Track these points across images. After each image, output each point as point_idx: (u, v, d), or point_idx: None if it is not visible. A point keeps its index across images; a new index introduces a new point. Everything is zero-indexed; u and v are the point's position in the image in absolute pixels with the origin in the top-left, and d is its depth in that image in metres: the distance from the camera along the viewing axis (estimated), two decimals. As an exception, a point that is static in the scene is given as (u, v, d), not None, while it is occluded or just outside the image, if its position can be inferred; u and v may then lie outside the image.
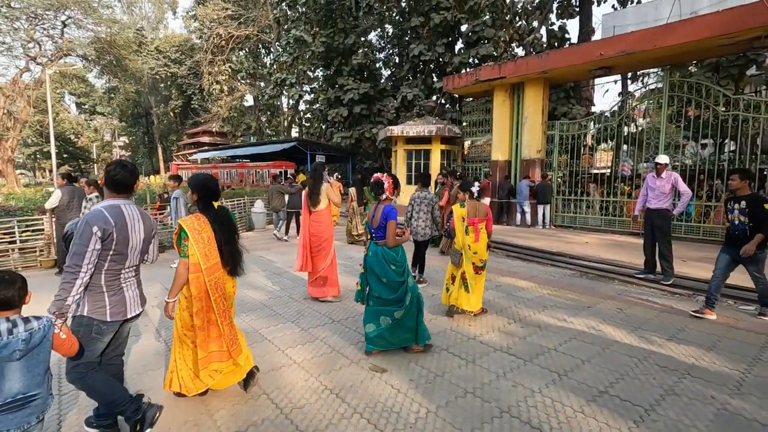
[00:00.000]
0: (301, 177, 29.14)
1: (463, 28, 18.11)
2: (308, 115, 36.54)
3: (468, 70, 15.94)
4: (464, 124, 15.82)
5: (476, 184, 4.70)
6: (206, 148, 36.77)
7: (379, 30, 25.70)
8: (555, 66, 11.35)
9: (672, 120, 11.39)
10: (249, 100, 37.92)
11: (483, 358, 3.55)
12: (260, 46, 36.28)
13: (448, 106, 19.56)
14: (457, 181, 8.07)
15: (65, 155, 40.90)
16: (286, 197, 10.19)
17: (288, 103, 37.06)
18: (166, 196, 12.01)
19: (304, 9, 21.22)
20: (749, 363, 3.48)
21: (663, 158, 6.00)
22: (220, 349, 2.78)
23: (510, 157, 13.07)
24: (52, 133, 18.98)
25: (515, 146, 12.93)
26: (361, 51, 21.73)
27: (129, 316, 2.44)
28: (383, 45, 26.19)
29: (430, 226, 5.93)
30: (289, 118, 37.61)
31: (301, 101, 33.38)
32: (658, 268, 5.93)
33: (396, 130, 15.20)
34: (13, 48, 26.54)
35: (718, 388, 3.07)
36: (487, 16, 16.99)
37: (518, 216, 12.45)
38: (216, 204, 2.82)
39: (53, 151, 19.30)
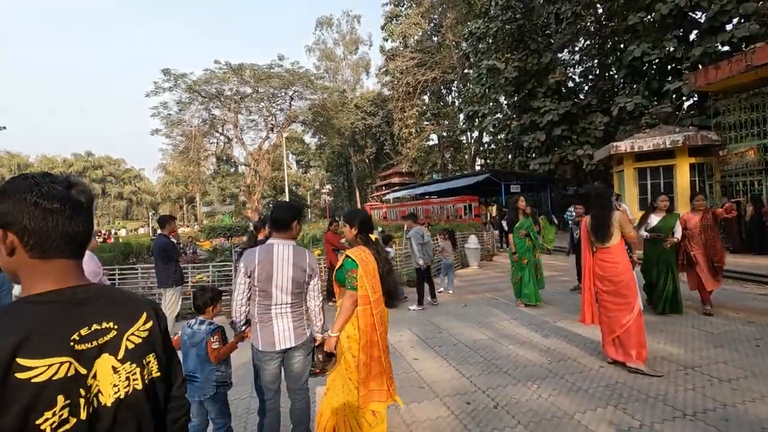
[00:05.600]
0: (491, 209, 28.08)
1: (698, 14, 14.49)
2: (492, 146, 35.75)
3: (718, 61, 12.38)
4: (713, 129, 12.17)
5: None
6: (397, 187, 39.47)
7: (570, 45, 23.38)
8: None
9: None
10: (433, 139, 39.45)
11: None
12: (442, 87, 37.73)
13: (682, 111, 15.73)
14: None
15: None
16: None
17: (470, 138, 37.07)
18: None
19: (494, 38, 20.74)
20: None
21: None
22: (380, 388, 2.69)
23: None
24: (287, 186, 22.83)
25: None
26: (558, 69, 19.84)
27: (278, 348, 2.50)
28: (580, 58, 23.64)
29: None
30: (473, 152, 37.44)
31: (484, 134, 32.89)
32: None
33: (623, 146, 12.70)
34: (258, 123, 34.16)
35: None
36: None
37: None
38: (372, 236, 2.86)
39: (287, 199, 23.10)
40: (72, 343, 0.88)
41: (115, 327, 0.96)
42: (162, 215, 5.94)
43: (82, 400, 0.87)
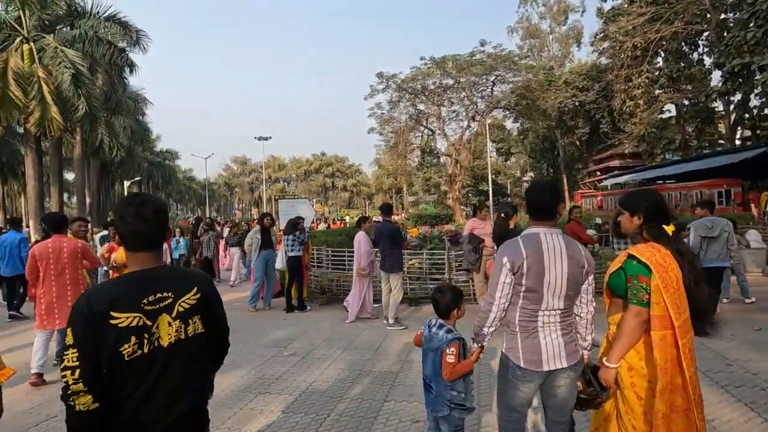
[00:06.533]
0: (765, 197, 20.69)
1: None
2: (765, 111, 26.66)
3: None
4: None
5: None
6: (616, 172, 33.83)
7: None
8: None
9: None
10: (670, 111, 32.04)
11: None
12: (683, 43, 30.02)
13: None
14: None
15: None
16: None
17: (728, 102, 28.31)
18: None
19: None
20: None
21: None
22: None
23: None
24: (490, 174, 22.23)
25: None
26: None
27: (545, 369, 1.95)
28: None
29: None
30: (731, 121, 28.61)
31: (753, 95, 24.58)
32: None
33: None
34: (459, 113, 34.36)
35: None
36: None
37: None
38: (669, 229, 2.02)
39: (490, 188, 22.58)
40: (142, 305, 1.33)
41: (172, 296, 1.39)
42: (385, 203, 6.23)
43: (145, 341, 1.32)
